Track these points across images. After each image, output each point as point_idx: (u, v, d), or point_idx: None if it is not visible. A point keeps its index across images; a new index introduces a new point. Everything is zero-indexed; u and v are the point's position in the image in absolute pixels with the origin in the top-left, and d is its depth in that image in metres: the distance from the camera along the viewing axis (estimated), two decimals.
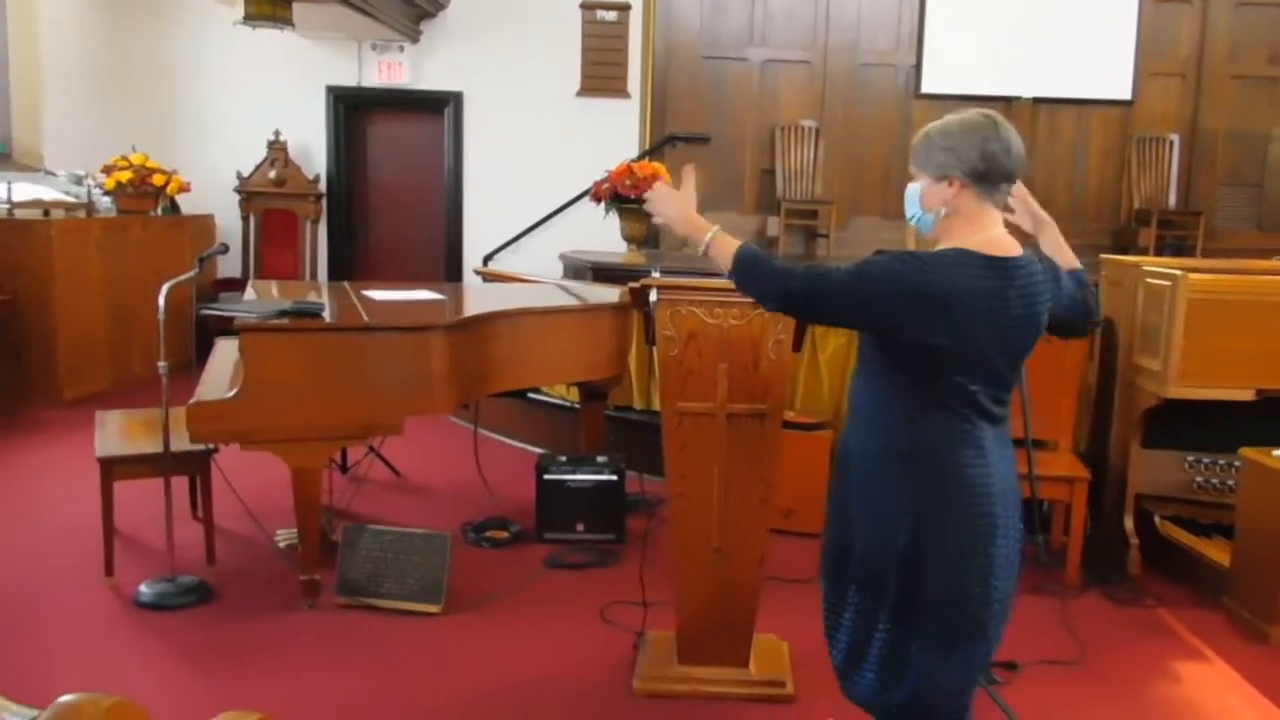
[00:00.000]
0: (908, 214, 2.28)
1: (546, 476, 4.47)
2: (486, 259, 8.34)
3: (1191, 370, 3.88)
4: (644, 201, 2.37)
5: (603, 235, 7.67)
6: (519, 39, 8.49)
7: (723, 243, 2.25)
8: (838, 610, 2.32)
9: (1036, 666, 3.36)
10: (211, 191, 8.25)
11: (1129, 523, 4.22)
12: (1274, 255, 5.35)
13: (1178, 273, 3.92)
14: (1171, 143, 8.72)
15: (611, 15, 8.51)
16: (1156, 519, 4.23)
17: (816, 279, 2.14)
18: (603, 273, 6.48)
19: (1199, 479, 4.21)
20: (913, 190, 2.26)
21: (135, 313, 6.97)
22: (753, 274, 2.21)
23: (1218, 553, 3.98)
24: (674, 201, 2.39)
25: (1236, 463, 3.93)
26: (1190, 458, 4.21)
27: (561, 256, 7.49)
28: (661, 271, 4.99)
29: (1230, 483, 4.11)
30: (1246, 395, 3.90)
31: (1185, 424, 4.13)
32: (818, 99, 8.77)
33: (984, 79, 8.73)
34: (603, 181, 7.42)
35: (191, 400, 3.53)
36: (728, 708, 3.06)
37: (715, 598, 3.10)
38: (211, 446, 3.90)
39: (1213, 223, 8.61)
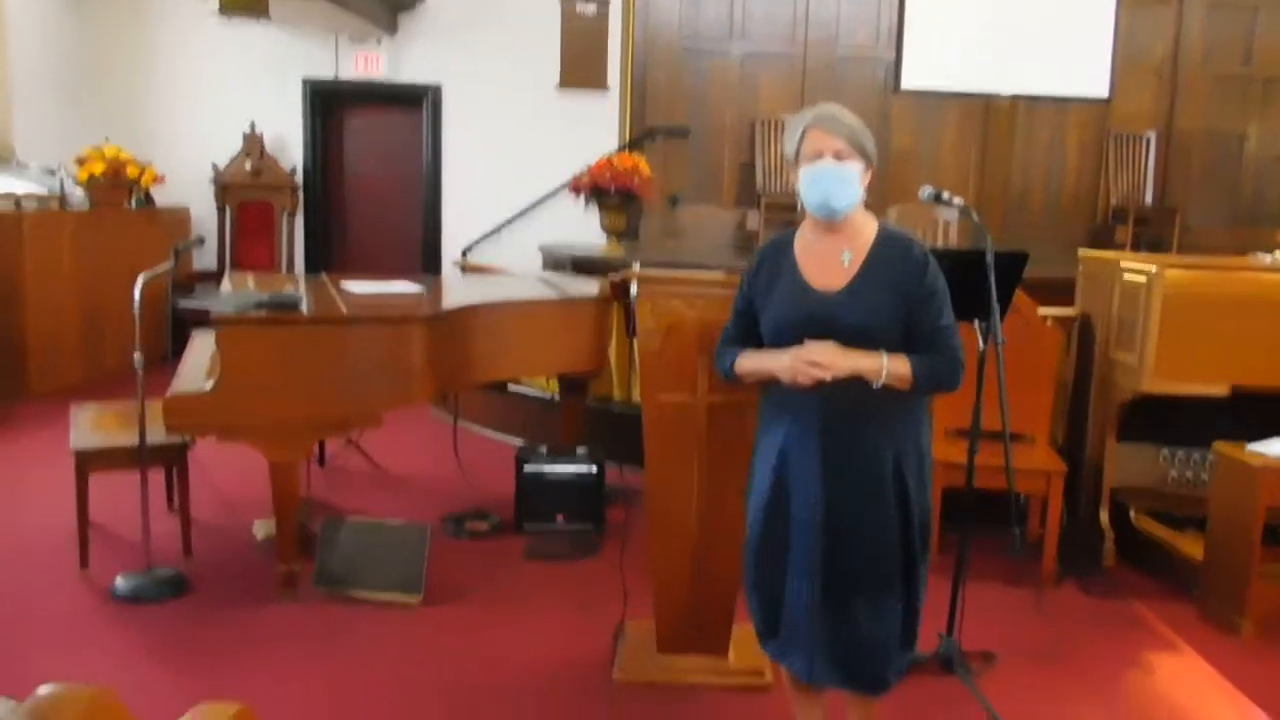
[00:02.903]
0: (842, 195, 2.31)
1: (526, 468, 4.46)
2: (465, 251, 8.32)
3: (1167, 365, 3.92)
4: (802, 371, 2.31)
5: (583, 228, 7.68)
6: (498, 31, 8.47)
7: (894, 360, 2.28)
8: (843, 631, 2.37)
9: (1012, 657, 3.39)
10: (186, 184, 8.19)
11: (1104, 516, 4.26)
12: (1248, 252, 5.41)
13: (1154, 269, 3.95)
14: (1148, 141, 8.79)
15: (591, 8, 8.50)
16: (1131, 512, 4.27)
17: (956, 333, 2.36)
18: (582, 265, 6.48)
19: (1174, 473, 4.25)
20: (851, 171, 2.31)
21: (109, 305, 6.91)
22: (937, 373, 2.32)
23: (1191, 546, 4.02)
24: (835, 353, 2.28)
25: (1210, 457, 3.97)
26: (1165, 452, 4.26)
27: (541, 249, 7.49)
28: (642, 264, 4.99)
29: (1204, 477, 4.16)
30: (1221, 390, 3.94)
31: (1160, 418, 4.17)
32: (797, 93, 8.78)
33: (963, 75, 8.79)
34: (582, 174, 7.43)
35: (168, 393, 3.51)
36: (707, 697, 3.07)
37: (694, 588, 3.11)
38: (188, 439, 3.88)
39: (1188, 220, 8.69)
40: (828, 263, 2.36)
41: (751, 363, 2.44)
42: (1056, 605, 3.84)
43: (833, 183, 2.30)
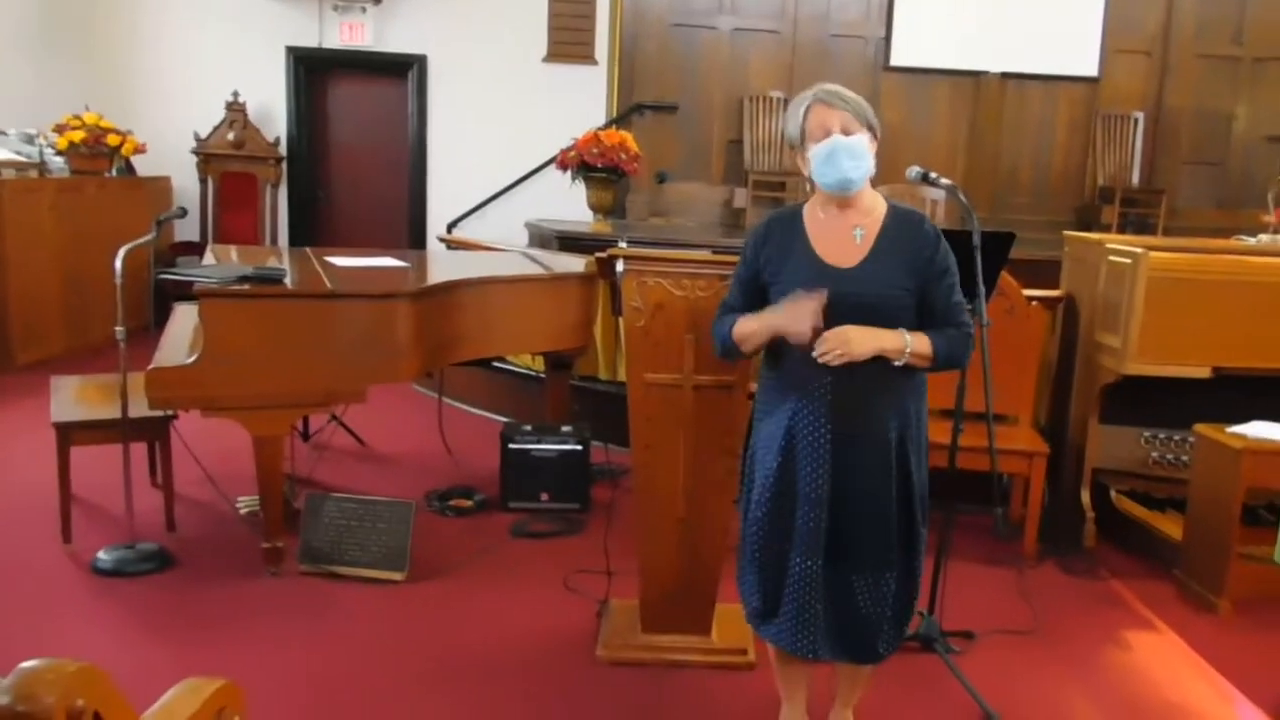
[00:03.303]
0: (857, 167, 2.33)
1: (511, 446, 4.46)
2: (451, 226, 8.27)
3: (1150, 347, 3.93)
4: (824, 354, 2.29)
5: (569, 204, 7.65)
6: (485, 3, 8.40)
7: (915, 339, 2.32)
8: (849, 596, 2.41)
9: (992, 636, 3.42)
10: (168, 153, 8.11)
11: (1085, 496, 4.29)
12: (1234, 234, 5.43)
13: (1139, 251, 3.96)
14: (1136, 120, 8.80)
15: None
16: (1112, 493, 4.30)
17: (965, 309, 2.42)
18: (569, 242, 6.46)
19: (1154, 454, 4.28)
20: (861, 143, 2.33)
21: (91, 276, 6.84)
22: (954, 350, 2.36)
23: (1170, 526, 4.06)
24: (863, 334, 2.28)
25: (1191, 439, 4.00)
26: (1147, 433, 4.28)
27: (527, 225, 7.46)
28: (628, 241, 4.97)
29: (1184, 458, 4.19)
30: (1203, 373, 3.97)
31: (1143, 400, 4.19)
32: (787, 69, 8.75)
33: (952, 53, 8.78)
34: (569, 149, 7.39)
35: (150, 366, 3.48)
36: (690, 675, 3.09)
37: (679, 567, 3.12)
38: (171, 412, 3.85)
39: (1175, 201, 8.72)
40: (841, 239, 2.37)
41: (754, 322, 2.41)
42: (1037, 584, 3.87)
43: (846, 157, 2.31)
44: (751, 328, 2.42)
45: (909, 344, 2.30)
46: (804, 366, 2.32)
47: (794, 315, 2.27)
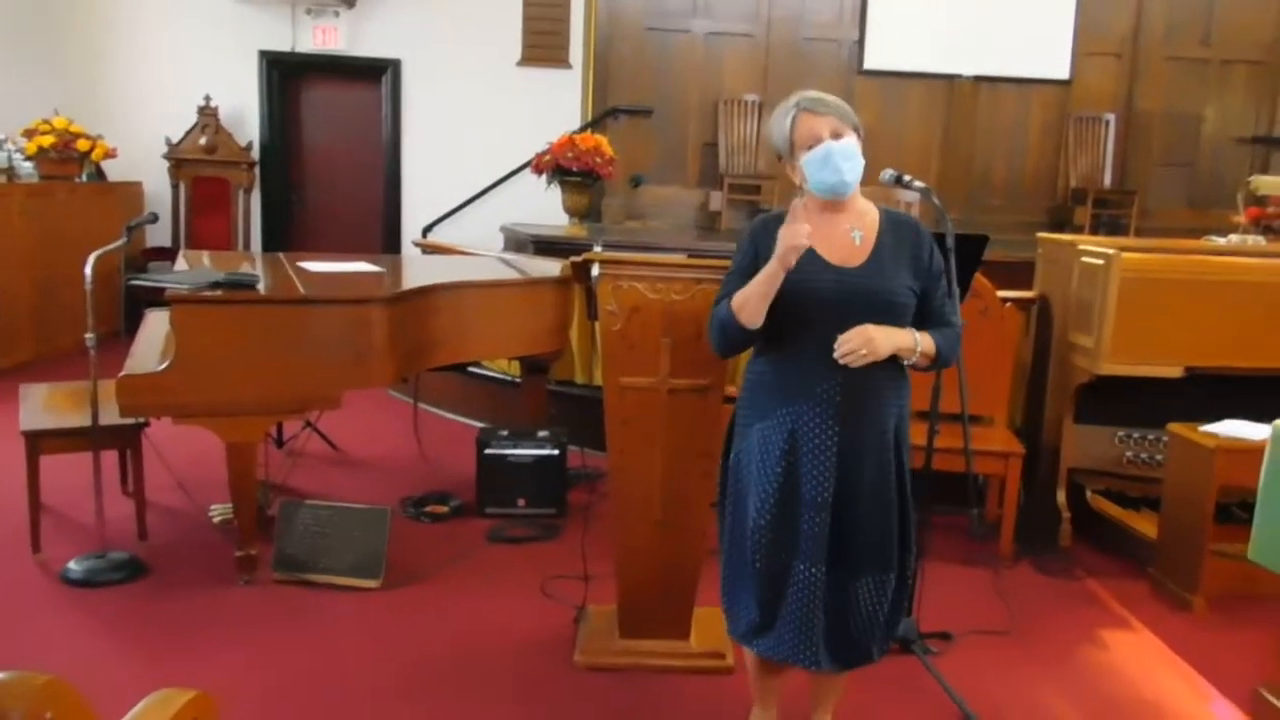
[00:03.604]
0: (853, 168, 2.33)
1: (487, 451, 4.44)
2: (426, 231, 8.24)
3: (1123, 347, 3.96)
4: (849, 355, 2.27)
5: (544, 208, 7.63)
6: (459, 6, 8.37)
7: (923, 338, 2.36)
8: (847, 601, 2.40)
9: (970, 636, 3.43)
10: (139, 158, 8.03)
11: (1061, 496, 4.31)
12: (1205, 235, 5.48)
13: (1111, 252, 3.99)
14: (1107, 122, 8.88)
15: None
16: (1088, 492, 4.33)
17: (956, 308, 2.50)
18: (544, 246, 6.45)
19: (1129, 453, 4.31)
20: (853, 145, 2.34)
21: (60, 282, 6.77)
22: (952, 347, 2.43)
23: (1145, 525, 4.08)
24: (883, 334, 2.28)
25: (1164, 438, 4.03)
26: (1121, 433, 4.31)
27: (502, 229, 7.44)
28: (604, 245, 4.96)
29: (1158, 457, 4.22)
30: (1175, 372, 4.00)
31: (1117, 400, 4.22)
32: (761, 72, 8.77)
33: (926, 56, 8.82)
34: (544, 153, 7.37)
35: (121, 373, 3.44)
36: (669, 680, 3.08)
37: (656, 571, 3.11)
38: (142, 420, 3.81)
39: (1146, 202, 8.80)
40: (840, 241, 2.36)
41: (751, 287, 2.31)
42: (1013, 584, 3.89)
43: (841, 159, 2.31)
44: (749, 292, 2.31)
45: (919, 343, 2.33)
46: (817, 366, 2.30)
47: (790, 233, 2.22)
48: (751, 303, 2.32)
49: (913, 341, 2.32)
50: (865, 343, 2.25)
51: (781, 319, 2.32)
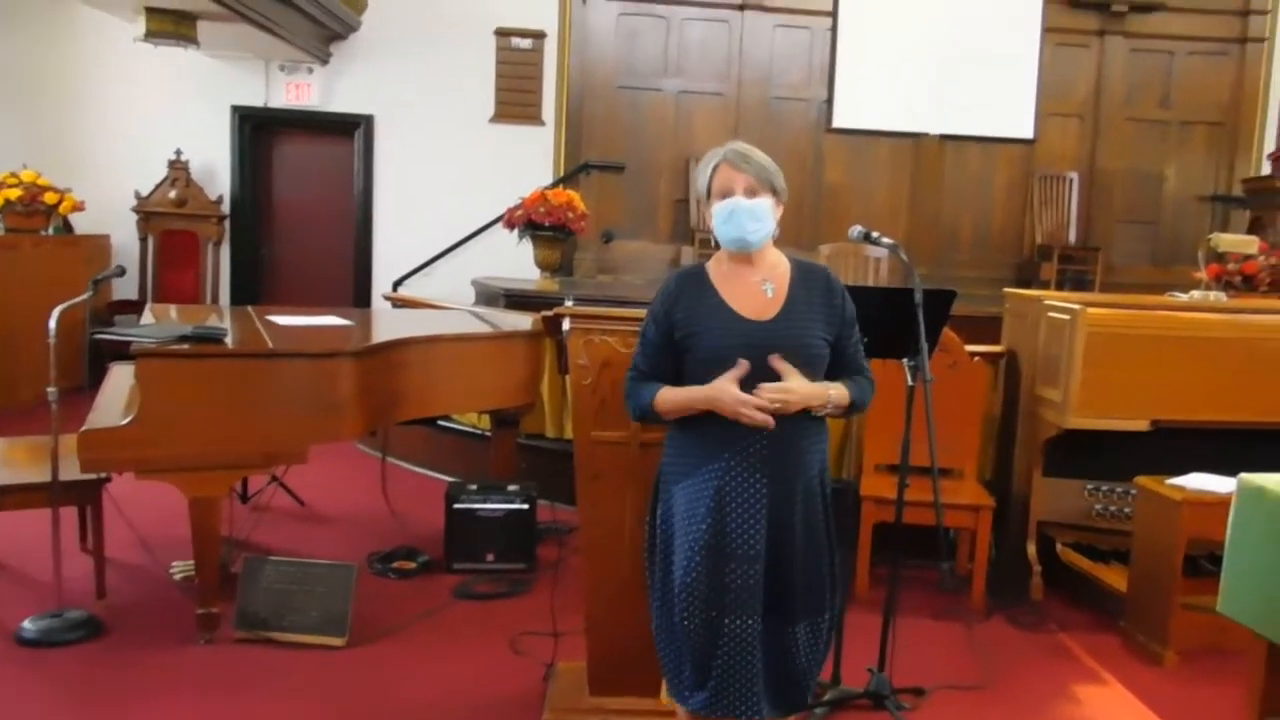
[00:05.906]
0: (757, 229, 2.37)
1: (456, 505, 4.39)
2: (397, 284, 8.22)
3: (1090, 401, 4.00)
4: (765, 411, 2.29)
5: (516, 262, 7.65)
6: (432, 63, 8.44)
7: (836, 390, 2.37)
8: (783, 651, 2.39)
9: (942, 691, 3.40)
10: (108, 211, 7.99)
11: (1031, 549, 4.32)
12: (1168, 290, 5.57)
13: (1076, 307, 4.04)
14: (1071, 180, 9.05)
15: (526, 42, 8.52)
16: (1058, 545, 4.33)
17: (864, 356, 2.52)
18: (515, 300, 6.44)
19: (1098, 506, 4.33)
20: (763, 206, 2.38)
21: (23, 335, 6.67)
22: (865, 396, 2.45)
23: (1115, 578, 4.09)
24: (794, 389, 2.30)
25: (1132, 491, 4.05)
26: (1089, 486, 4.33)
27: (474, 283, 7.43)
28: (575, 300, 4.97)
29: (1127, 510, 4.24)
30: (1142, 426, 4.04)
31: (1085, 453, 4.25)
32: (731, 130, 8.87)
33: (893, 115, 8.98)
34: (516, 208, 7.41)
35: (83, 427, 3.38)
36: None
37: (627, 628, 3.06)
38: (103, 475, 3.74)
39: (1110, 258, 8.94)
40: (751, 293, 2.39)
41: (683, 396, 2.36)
42: (985, 638, 3.87)
43: (746, 218, 2.35)
44: (680, 401, 2.37)
45: (831, 397, 2.35)
46: (736, 423, 2.30)
47: (730, 398, 2.27)
48: (676, 410, 2.39)
49: (825, 395, 2.34)
50: (784, 393, 2.27)
51: (699, 377, 2.34)
